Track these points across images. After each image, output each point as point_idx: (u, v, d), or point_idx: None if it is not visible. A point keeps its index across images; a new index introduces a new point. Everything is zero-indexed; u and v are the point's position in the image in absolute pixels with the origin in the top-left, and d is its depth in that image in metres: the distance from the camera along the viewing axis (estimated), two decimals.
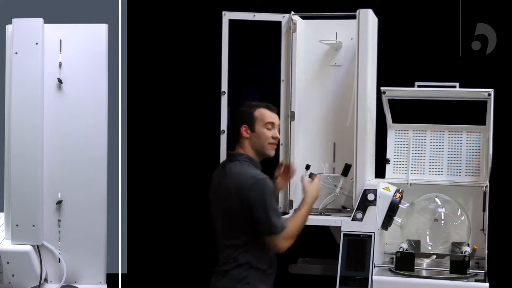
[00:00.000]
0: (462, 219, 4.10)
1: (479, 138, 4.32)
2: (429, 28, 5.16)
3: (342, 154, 4.34)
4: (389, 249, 4.18)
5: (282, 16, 4.33)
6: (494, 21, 5.03)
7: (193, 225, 5.50)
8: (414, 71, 4.99)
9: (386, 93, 4.24)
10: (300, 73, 4.36)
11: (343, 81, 4.39)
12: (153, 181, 5.62)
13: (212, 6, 4.76)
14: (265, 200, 3.30)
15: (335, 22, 4.38)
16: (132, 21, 5.43)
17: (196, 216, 5.47)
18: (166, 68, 5.61)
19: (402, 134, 4.44)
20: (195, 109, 5.52)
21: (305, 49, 4.40)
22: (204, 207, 5.13)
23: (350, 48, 4.33)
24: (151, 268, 5.63)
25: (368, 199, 3.98)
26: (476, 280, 3.76)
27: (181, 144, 5.57)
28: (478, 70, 5.00)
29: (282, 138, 4.32)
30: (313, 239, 4.55)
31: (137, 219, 5.51)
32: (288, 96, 4.32)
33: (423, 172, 4.38)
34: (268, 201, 3.31)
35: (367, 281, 3.80)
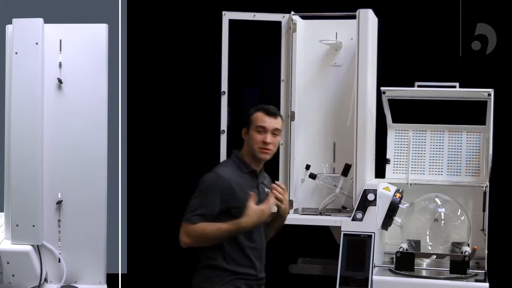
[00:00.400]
0: (462, 219, 4.10)
1: (479, 138, 4.32)
2: (429, 28, 5.16)
3: (342, 154, 4.34)
4: (389, 249, 4.18)
5: (282, 16, 4.33)
6: (494, 21, 5.04)
7: None
8: (414, 71, 4.99)
9: (386, 93, 4.24)
10: (300, 73, 4.36)
11: (343, 81, 4.39)
12: (153, 181, 5.62)
13: (212, 6, 4.76)
14: (198, 189, 3.40)
15: (335, 22, 4.37)
16: (132, 21, 5.43)
17: None
18: (166, 68, 5.61)
19: (402, 134, 4.44)
20: (195, 109, 5.52)
21: (305, 49, 4.40)
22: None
23: (350, 48, 4.33)
24: (151, 268, 5.63)
25: (368, 199, 3.98)
26: (476, 280, 3.76)
27: (181, 144, 5.57)
28: (478, 70, 5.00)
29: (282, 138, 4.31)
30: (313, 239, 4.56)
31: (137, 219, 5.51)
32: (288, 96, 4.32)
33: (423, 172, 4.38)
34: (199, 191, 3.40)
35: (367, 281, 3.80)
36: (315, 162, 4.37)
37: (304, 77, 4.41)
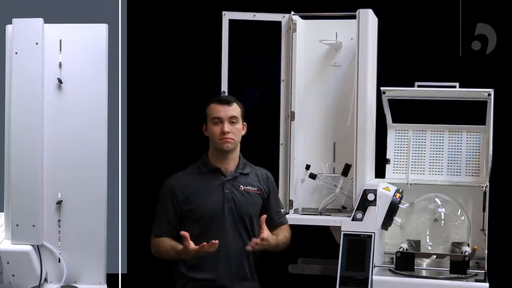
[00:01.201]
0: (462, 219, 4.10)
1: (479, 138, 4.32)
2: (429, 28, 5.16)
3: (342, 154, 4.34)
4: (389, 249, 4.17)
5: (282, 16, 4.33)
6: (494, 21, 5.03)
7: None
8: (414, 71, 4.99)
9: (386, 93, 4.24)
10: (300, 73, 4.36)
11: (343, 81, 4.39)
12: (153, 181, 5.60)
13: (212, 6, 4.75)
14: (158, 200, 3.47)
15: (335, 22, 4.37)
16: (132, 21, 5.42)
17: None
18: (166, 68, 5.61)
19: (402, 134, 4.44)
20: (195, 109, 5.51)
21: (305, 49, 4.40)
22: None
23: (350, 48, 4.33)
24: (151, 268, 5.63)
25: (368, 199, 3.98)
26: (476, 280, 3.76)
27: (181, 144, 5.57)
28: (478, 70, 5.00)
29: (282, 138, 4.32)
30: (313, 239, 4.55)
31: (137, 219, 5.51)
32: (288, 96, 4.32)
33: (423, 172, 4.38)
34: (159, 202, 3.50)
35: (367, 281, 3.80)
36: (315, 162, 4.37)
37: (304, 77, 4.41)
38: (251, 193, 3.59)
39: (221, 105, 3.42)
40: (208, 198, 3.51)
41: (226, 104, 3.42)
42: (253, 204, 3.63)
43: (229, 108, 3.41)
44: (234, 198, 3.50)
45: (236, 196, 3.51)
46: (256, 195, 3.67)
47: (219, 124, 3.39)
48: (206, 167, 3.45)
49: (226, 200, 3.47)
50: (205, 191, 3.43)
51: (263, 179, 3.70)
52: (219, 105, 3.42)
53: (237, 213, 3.57)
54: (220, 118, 3.37)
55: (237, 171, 3.56)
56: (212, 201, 3.52)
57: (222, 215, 3.52)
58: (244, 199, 3.62)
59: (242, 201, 3.60)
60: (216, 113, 3.39)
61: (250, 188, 3.55)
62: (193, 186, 3.43)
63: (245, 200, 3.62)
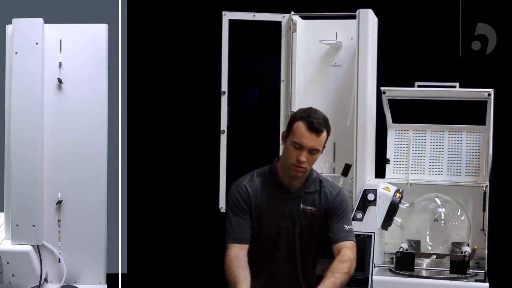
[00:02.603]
0: (462, 219, 4.10)
1: (479, 138, 4.32)
2: (429, 28, 5.15)
3: (342, 154, 4.34)
4: (389, 249, 4.17)
5: (282, 16, 4.33)
6: (494, 21, 5.03)
7: (193, 225, 5.50)
8: (414, 71, 4.99)
9: (386, 93, 4.24)
10: (300, 73, 4.36)
11: (343, 81, 4.38)
12: (153, 181, 5.62)
13: (212, 6, 4.76)
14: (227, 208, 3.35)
15: (335, 22, 4.37)
16: (132, 21, 5.43)
17: (196, 216, 5.48)
18: (166, 68, 5.61)
19: (402, 134, 4.44)
20: (195, 109, 5.52)
21: (305, 49, 4.40)
22: (203, 207, 5.15)
23: (350, 48, 4.33)
24: (151, 268, 5.63)
25: (368, 199, 3.98)
26: (476, 280, 3.76)
27: (181, 144, 5.57)
28: (478, 70, 5.00)
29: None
30: None
31: (137, 219, 5.51)
32: (288, 96, 4.32)
33: (423, 172, 4.38)
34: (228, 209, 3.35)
35: (367, 281, 3.80)
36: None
37: (304, 77, 4.41)
38: (308, 213, 3.45)
39: (310, 133, 3.16)
40: (268, 213, 3.40)
41: (315, 133, 3.16)
42: (310, 224, 3.48)
43: (316, 139, 3.17)
44: (297, 219, 3.39)
45: (297, 218, 3.39)
46: (314, 214, 3.45)
47: (298, 149, 3.20)
48: (271, 179, 3.33)
49: (289, 222, 3.38)
50: (267, 205, 3.34)
51: (326, 198, 3.50)
52: (307, 131, 3.16)
53: (292, 234, 3.44)
54: (302, 146, 3.19)
55: (303, 190, 3.44)
56: (270, 217, 3.40)
57: (278, 234, 3.42)
58: (302, 219, 3.47)
59: (300, 221, 3.43)
60: (300, 139, 3.15)
61: (309, 208, 3.41)
62: (260, 196, 3.34)
63: (303, 220, 3.47)
